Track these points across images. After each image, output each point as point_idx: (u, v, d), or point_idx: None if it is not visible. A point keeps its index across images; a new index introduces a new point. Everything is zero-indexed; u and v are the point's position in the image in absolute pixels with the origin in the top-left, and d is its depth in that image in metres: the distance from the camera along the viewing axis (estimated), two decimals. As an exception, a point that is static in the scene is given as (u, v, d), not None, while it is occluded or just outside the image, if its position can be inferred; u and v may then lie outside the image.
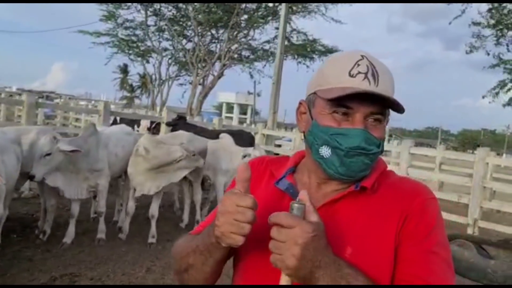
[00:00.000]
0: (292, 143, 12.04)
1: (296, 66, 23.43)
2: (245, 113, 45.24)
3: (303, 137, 1.01)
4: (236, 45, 23.13)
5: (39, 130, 4.18)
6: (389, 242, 0.89)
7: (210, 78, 23.56)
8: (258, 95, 35.54)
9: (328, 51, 22.90)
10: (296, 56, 23.23)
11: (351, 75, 0.90)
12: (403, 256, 0.88)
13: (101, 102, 8.42)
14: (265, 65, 23.97)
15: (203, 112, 29.22)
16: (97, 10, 22.05)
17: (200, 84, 23.36)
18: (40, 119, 15.37)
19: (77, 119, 16.59)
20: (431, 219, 0.91)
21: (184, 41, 24.42)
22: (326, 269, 0.77)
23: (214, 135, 6.80)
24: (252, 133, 10.06)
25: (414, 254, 0.87)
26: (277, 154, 9.40)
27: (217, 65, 23.25)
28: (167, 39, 24.67)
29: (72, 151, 3.90)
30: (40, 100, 16.46)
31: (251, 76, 24.75)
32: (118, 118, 10.99)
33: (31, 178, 3.83)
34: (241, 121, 36.56)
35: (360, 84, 0.88)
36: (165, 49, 25.13)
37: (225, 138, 5.93)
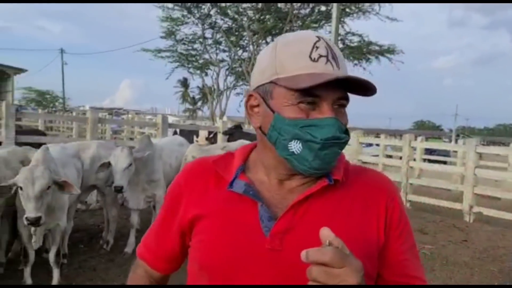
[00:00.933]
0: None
1: (352, 69, 23.00)
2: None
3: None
4: (290, 52, 23.13)
5: (98, 144, 4.41)
6: (372, 240, 0.85)
7: (266, 86, 23.73)
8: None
9: (385, 51, 22.25)
10: (351, 58, 22.80)
11: (312, 59, 0.80)
12: (398, 257, 0.88)
13: (159, 115, 8.78)
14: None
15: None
16: (157, 27, 23.12)
17: (257, 93, 23.60)
18: (108, 134, 16.39)
19: (142, 133, 17.39)
20: (404, 211, 0.92)
21: (240, 52, 24.87)
22: None
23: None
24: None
25: (404, 253, 0.88)
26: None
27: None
28: (224, 51, 25.28)
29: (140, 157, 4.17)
30: (107, 117, 17.66)
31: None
32: (178, 130, 11.40)
33: (118, 190, 4.05)
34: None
35: (325, 69, 0.79)
36: (222, 61, 25.73)
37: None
